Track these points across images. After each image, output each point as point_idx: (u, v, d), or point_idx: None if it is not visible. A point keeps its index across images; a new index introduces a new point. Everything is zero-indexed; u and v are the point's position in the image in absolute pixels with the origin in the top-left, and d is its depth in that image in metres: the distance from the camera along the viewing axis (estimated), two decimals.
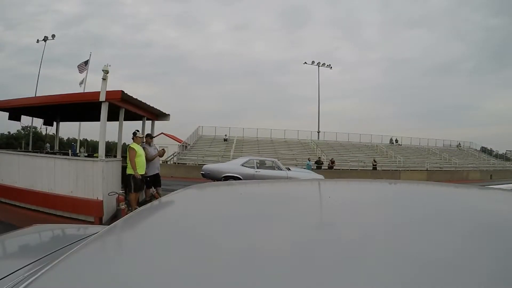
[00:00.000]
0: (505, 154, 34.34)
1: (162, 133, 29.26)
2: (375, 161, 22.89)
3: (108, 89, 5.36)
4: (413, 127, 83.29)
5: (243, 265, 0.43)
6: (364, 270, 0.40)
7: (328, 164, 21.83)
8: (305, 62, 35.59)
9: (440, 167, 25.32)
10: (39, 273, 0.46)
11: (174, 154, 23.71)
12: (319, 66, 35.03)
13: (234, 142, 27.54)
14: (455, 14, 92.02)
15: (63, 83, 79.57)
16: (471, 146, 35.35)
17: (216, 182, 1.63)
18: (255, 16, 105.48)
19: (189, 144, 26.79)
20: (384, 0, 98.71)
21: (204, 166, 10.55)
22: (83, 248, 0.56)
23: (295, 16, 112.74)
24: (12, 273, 0.64)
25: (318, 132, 32.22)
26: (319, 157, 23.10)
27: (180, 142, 27.27)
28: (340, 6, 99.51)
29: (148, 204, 0.90)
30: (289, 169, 10.07)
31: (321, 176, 9.66)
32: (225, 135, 28.93)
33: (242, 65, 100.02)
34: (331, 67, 35.72)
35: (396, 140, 32.50)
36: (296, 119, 78.65)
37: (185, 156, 23.63)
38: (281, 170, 9.57)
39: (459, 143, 35.07)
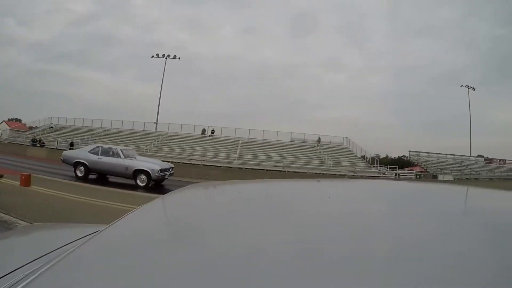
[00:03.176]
0: (374, 156, 29.19)
1: (3, 121, 33.48)
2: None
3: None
4: (414, 137, 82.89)
5: (243, 264, 0.43)
6: (364, 270, 0.40)
7: None
8: (153, 56, 37.31)
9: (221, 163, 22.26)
10: (39, 272, 0.46)
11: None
12: (166, 58, 36.78)
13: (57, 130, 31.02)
14: (461, 24, 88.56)
15: (72, 79, 79.40)
16: (345, 143, 31.22)
17: (215, 182, 1.42)
18: (263, 21, 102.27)
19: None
20: (391, 9, 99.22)
21: (63, 152, 12.08)
22: (83, 247, 0.56)
23: (303, 22, 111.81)
24: (12, 271, 0.63)
25: (156, 123, 33.38)
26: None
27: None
28: (347, 14, 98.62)
29: (149, 203, 0.86)
30: (135, 158, 10.91)
31: (170, 165, 11.78)
32: (51, 123, 31.91)
33: (247, 68, 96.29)
34: (179, 58, 37.19)
35: (212, 131, 30.99)
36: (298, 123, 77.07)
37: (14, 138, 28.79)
38: (120, 158, 10.49)
39: (319, 138, 30.78)
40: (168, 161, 14.13)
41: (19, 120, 45.00)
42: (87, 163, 10.60)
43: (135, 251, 0.52)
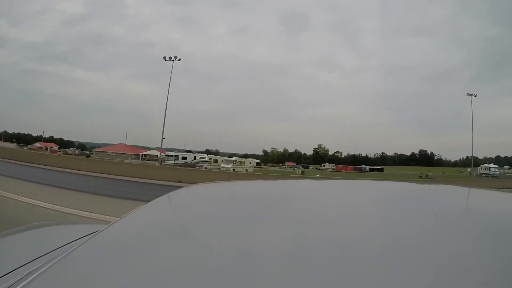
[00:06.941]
0: None
1: None
2: None
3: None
4: (410, 134, 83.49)
5: (244, 264, 0.43)
6: (362, 271, 0.40)
7: None
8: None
9: None
10: (39, 272, 0.47)
11: None
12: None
13: None
14: (454, 23, 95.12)
15: (66, 80, 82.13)
16: None
17: (216, 182, 1.36)
18: (255, 20, 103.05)
19: None
20: (384, 8, 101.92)
21: None
22: (83, 247, 0.56)
23: (295, 21, 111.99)
24: (12, 271, 0.63)
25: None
26: None
27: None
28: (339, 13, 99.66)
29: (148, 203, 0.87)
30: None
31: None
32: None
33: (240, 67, 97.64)
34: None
35: None
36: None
37: None
38: None
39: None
40: None
41: None
42: None
43: (135, 251, 0.52)
